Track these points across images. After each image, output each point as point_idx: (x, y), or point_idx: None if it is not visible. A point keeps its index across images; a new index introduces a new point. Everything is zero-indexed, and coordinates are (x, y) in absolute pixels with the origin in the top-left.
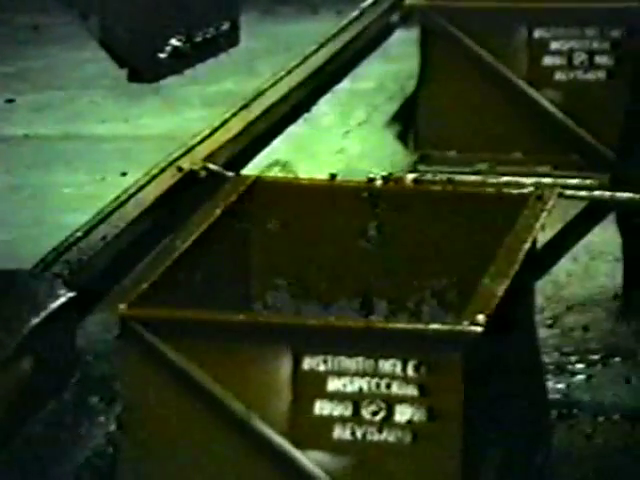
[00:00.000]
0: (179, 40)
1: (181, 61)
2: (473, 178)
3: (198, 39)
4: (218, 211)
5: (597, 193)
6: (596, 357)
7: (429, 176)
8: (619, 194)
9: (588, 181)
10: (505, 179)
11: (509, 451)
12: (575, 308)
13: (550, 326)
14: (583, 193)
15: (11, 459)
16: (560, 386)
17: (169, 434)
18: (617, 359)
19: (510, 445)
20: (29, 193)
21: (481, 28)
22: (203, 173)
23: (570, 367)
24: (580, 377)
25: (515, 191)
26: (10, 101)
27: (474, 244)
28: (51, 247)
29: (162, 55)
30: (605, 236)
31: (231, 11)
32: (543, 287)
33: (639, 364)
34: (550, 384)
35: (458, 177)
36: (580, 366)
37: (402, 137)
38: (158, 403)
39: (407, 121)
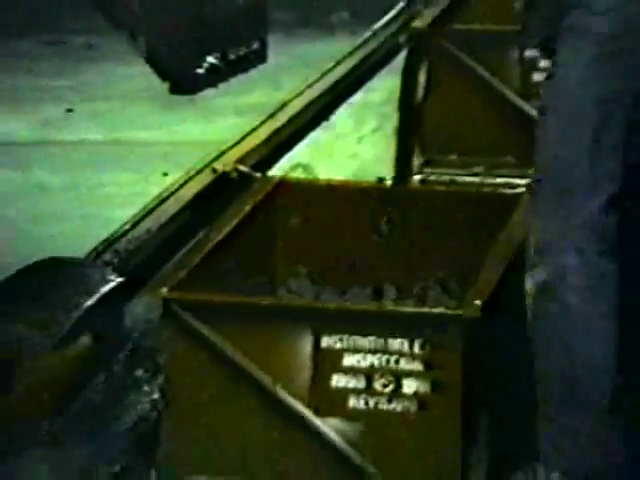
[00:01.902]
0: (215, 57)
1: (216, 76)
2: (472, 179)
3: (231, 57)
4: (247, 208)
5: None
6: None
7: (433, 177)
8: None
9: None
10: (500, 180)
11: (503, 419)
12: None
13: None
14: None
15: (70, 422)
16: None
17: (204, 402)
18: None
19: (504, 414)
20: (82, 191)
21: (478, 48)
22: (234, 174)
23: None
24: None
25: (509, 191)
26: (69, 110)
27: (473, 238)
28: (102, 239)
29: (199, 70)
30: None
31: (260, 32)
32: None
33: None
34: None
35: (459, 179)
36: None
37: (409, 143)
38: (195, 375)
39: (414, 129)
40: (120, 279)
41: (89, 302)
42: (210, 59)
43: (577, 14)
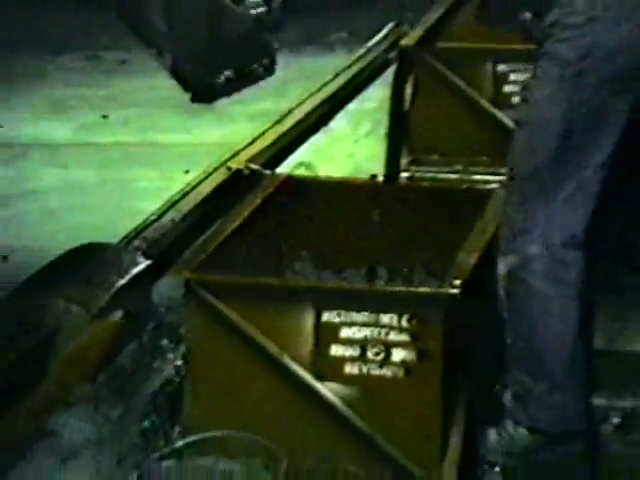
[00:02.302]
0: (230, 71)
1: (230, 87)
2: (452, 176)
3: (244, 70)
4: (258, 201)
5: None
6: None
7: (418, 175)
8: None
9: None
10: (476, 177)
11: (478, 382)
12: None
13: None
14: None
15: (104, 385)
16: None
17: (220, 368)
18: None
19: (479, 378)
20: (115, 186)
21: (457, 63)
22: (246, 172)
23: None
24: None
25: (484, 187)
26: (104, 117)
27: (452, 227)
28: (132, 227)
29: (216, 82)
30: None
31: (269, 50)
32: None
33: None
34: None
35: (440, 176)
36: None
37: (398, 145)
38: (212, 345)
39: (402, 133)
40: (148, 262)
41: (121, 282)
42: (226, 72)
43: (548, 43)
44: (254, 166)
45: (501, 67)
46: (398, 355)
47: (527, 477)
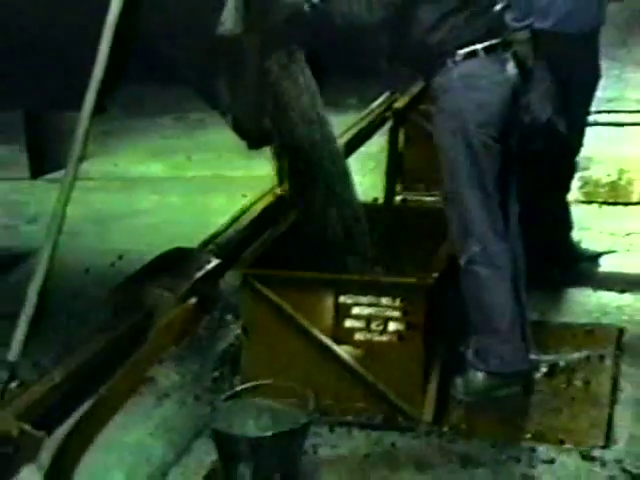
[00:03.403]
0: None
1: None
2: (432, 199)
3: None
4: (294, 217)
5: None
6: None
7: (409, 198)
8: None
9: None
10: None
11: (449, 344)
12: None
13: None
14: None
15: (186, 347)
16: None
17: (267, 336)
18: None
19: (450, 340)
20: (195, 207)
21: None
22: (286, 196)
23: None
24: None
25: None
26: (188, 158)
27: (432, 237)
28: (207, 236)
29: (263, 135)
30: None
31: None
32: None
33: None
34: None
35: (425, 199)
36: None
37: (394, 177)
38: (261, 319)
39: (397, 168)
40: (218, 261)
41: (199, 274)
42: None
43: (439, 101)
44: None
45: None
46: (393, 326)
47: (484, 409)
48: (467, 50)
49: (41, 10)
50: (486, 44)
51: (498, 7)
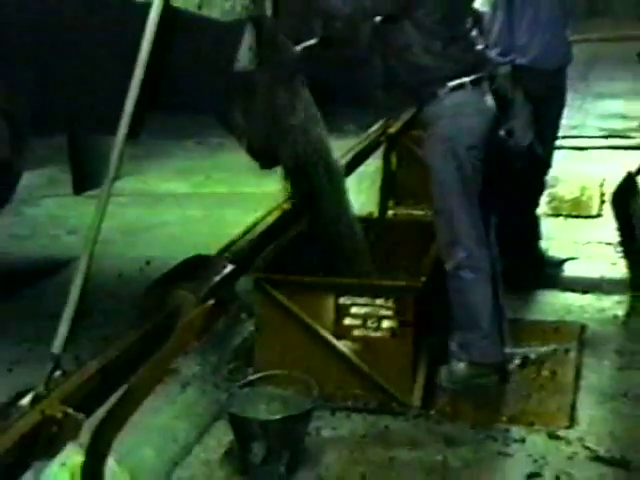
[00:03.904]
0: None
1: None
2: (420, 213)
3: None
4: (299, 229)
5: None
6: None
7: (399, 212)
8: None
9: None
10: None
11: (436, 339)
12: None
13: None
14: None
15: (206, 342)
16: None
17: (276, 332)
18: None
19: (438, 334)
20: (213, 219)
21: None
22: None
23: None
24: None
25: None
26: (208, 177)
27: (420, 245)
28: (223, 244)
29: (274, 163)
30: None
31: None
32: None
33: None
34: None
35: (414, 213)
36: None
37: (387, 193)
38: (272, 319)
39: (389, 186)
40: (233, 266)
41: (216, 279)
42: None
43: (431, 127)
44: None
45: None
46: (386, 324)
47: (465, 395)
48: (456, 82)
49: (88, 54)
50: (473, 77)
51: (481, 46)
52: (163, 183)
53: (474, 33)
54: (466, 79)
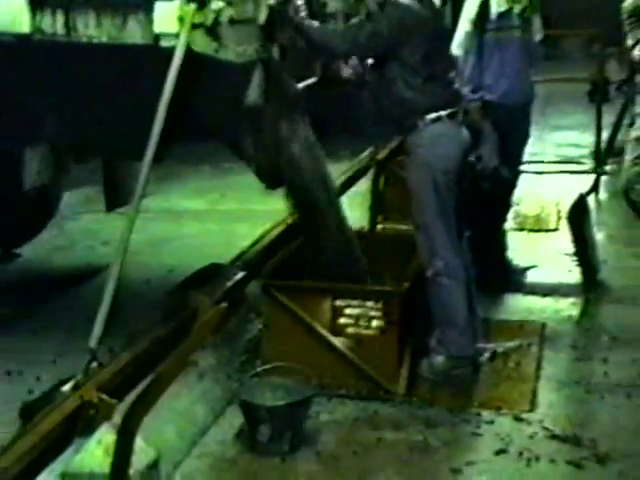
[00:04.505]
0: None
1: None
2: (406, 228)
3: None
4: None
5: None
6: None
7: (388, 226)
8: None
9: None
10: None
11: (418, 335)
12: None
13: None
14: None
15: (220, 338)
16: None
17: (281, 330)
18: None
19: (419, 331)
20: (226, 232)
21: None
22: (297, 224)
23: None
24: None
25: None
26: (222, 195)
27: (406, 255)
28: (235, 255)
29: (278, 180)
30: None
31: None
32: None
33: None
34: None
35: (400, 227)
36: None
37: (376, 210)
38: (278, 319)
39: (378, 203)
40: (243, 273)
41: (229, 284)
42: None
43: (413, 154)
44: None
45: None
46: (376, 323)
47: (443, 384)
48: (434, 115)
49: (122, 96)
50: (449, 111)
51: (456, 85)
52: (183, 201)
53: (452, 74)
54: (443, 112)
